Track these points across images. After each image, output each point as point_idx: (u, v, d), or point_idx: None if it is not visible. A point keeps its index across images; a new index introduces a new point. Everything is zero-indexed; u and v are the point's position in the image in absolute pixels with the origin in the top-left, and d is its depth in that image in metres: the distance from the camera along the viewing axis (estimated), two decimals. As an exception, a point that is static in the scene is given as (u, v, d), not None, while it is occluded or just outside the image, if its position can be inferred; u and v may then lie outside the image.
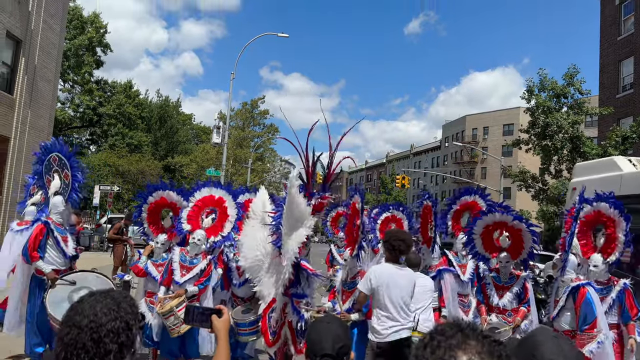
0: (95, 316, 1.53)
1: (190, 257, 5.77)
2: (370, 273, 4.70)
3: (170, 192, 6.34)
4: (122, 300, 1.62)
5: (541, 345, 1.43)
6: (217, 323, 1.99)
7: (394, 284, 4.53)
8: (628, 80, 25.06)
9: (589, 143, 22.11)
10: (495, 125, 61.43)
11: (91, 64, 39.68)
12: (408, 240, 4.80)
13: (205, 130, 56.70)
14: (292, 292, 4.61)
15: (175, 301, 5.38)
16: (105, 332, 1.52)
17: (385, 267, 4.67)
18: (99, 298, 1.60)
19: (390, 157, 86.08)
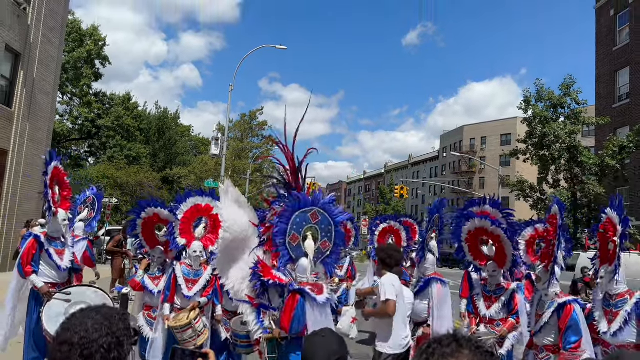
0: (86, 332, 1.52)
1: (193, 270, 5.79)
2: (388, 281, 4.93)
3: (162, 210, 6.28)
4: (113, 316, 1.62)
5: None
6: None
7: (401, 294, 4.86)
8: (624, 90, 25.23)
9: (586, 153, 22.21)
10: (492, 135, 61.63)
11: (90, 76, 39.80)
12: (396, 255, 5.19)
13: (203, 142, 56.78)
14: (257, 302, 4.69)
15: (192, 314, 5.39)
16: (97, 348, 1.51)
17: (395, 278, 4.98)
18: (90, 314, 1.59)
19: (389, 167, 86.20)
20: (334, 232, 4.83)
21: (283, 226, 4.74)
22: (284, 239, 4.75)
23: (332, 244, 4.82)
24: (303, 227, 4.78)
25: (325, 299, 4.54)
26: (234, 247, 4.87)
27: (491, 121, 64.34)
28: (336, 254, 4.91)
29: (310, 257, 4.69)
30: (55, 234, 6.14)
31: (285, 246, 4.76)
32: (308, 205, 4.80)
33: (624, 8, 25.35)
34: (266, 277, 4.64)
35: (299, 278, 4.67)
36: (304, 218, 4.79)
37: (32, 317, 5.87)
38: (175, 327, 5.32)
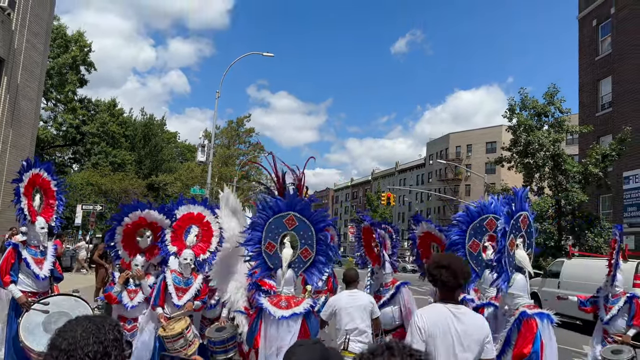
0: (74, 339, 1.52)
1: (184, 278, 5.74)
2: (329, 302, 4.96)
3: (150, 212, 6.11)
4: (104, 326, 1.61)
5: None
6: None
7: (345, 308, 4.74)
8: (607, 99, 25.65)
9: (569, 161, 22.49)
10: (478, 143, 62.21)
11: (75, 82, 39.44)
12: (350, 273, 5.09)
13: (190, 149, 56.50)
14: (252, 312, 4.63)
15: (183, 323, 5.34)
16: (82, 355, 1.50)
17: (344, 294, 4.94)
18: (83, 322, 1.59)
19: (376, 174, 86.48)
20: (315, 239, 4.49)
21: (257, 234, 4.46)
22: (260, 248, 4.49)
23: (315, 252, 4.49)
24: (279, 234, 4.49)
25: (290, 313, 4.28)
26: (229, 256, 4.81)
27: (477, 129, 64.99)
28: (320, 263, 4.56)
29: (284, 266, 4.43)
30: (34, 242, 6.04)
31: (261, 256, 4.50)
32: (283, 210, 4.46)
33: (605, 19, 25.84)
34: (264, 286, 4.59)
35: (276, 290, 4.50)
36: (279, 224, 4.47)
37: (11, 327, 5.78)
38: (167, 337, 5.28)
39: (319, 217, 4.49)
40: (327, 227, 4.64)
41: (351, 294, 5.03)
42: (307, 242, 4.50)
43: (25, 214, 5.92)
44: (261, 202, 4.64)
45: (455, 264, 3.06)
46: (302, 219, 4.45)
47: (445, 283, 3.03)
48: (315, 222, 4.48)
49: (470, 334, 2.96)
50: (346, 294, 5.00)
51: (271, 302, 4.36)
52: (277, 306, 4.33)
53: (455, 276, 3.01)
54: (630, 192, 23.09)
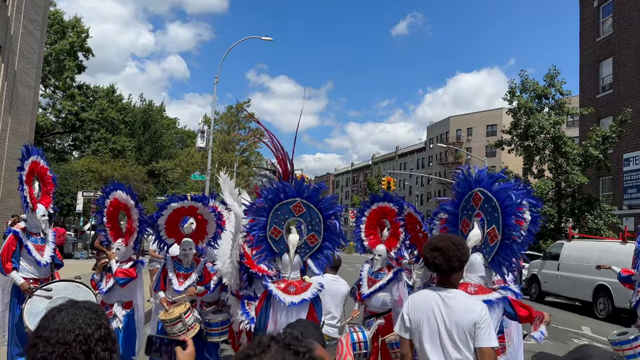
0: (81, 329, 1.53)
1: (184, 264, 5.78)
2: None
3: (119, 192, 5.94)
4: (97, 309, 1.63)
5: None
6: (181, 355, 1.92)
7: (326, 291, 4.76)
8: (607, 81, 25.51)
9: (570, 143, 22.45)
10: (479, 126, 62.01)
11: (73, 69, 39.19)
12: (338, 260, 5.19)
13: (189, 135, 56.43)
14: (243, 293, 4.63)
15: (182, 307, 5.39)
16: (95, 341, 1.53)
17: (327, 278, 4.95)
18: (75, 311, 1.59)
19: (376, 158, 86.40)
20: (323, 226, 4.44)
21: (262, 219, 4.44)
22: (265, 234, 4.47)
23: (322, 239, 4.45)
24: (285, 220, 4.45)
25: (300, 300, 4.28)
26: (229, 238, 4.84)
27: (477, 112, 64.73)
28: (328, 249, 4.51)
29: (291, 252, 4.42)
30: (35, 229, 6.07)
31: (266, 241, 4.48)
32: (290, 196, 4.41)
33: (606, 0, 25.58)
34: (253, 269, 4.60)
35: (281, 274, 4.50)
36: (286, 210, 4.44)
37: (14, 314, 5.84)
38: (166, 320, 5.34)
39: (327, 204, 4.45)
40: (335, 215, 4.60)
41: (334, 280, 5.12)
42: (314, 229, 4.47)
43: (27, 201, 5.94)
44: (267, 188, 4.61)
45: (450, 247, 2.89)
46: (310, 206, 4.42)
47: (438, 266, 2.91)
48: (323, 209, 4.44)
49: (456, 319, 2.82)
50: (329, 278, 5.03)
51: (279, 287, 4.36)
52: (285, 292, 4.34)
53: (448, 259, 2.87)
54: (630, 173, 23.10)
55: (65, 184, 31.99)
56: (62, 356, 1.49)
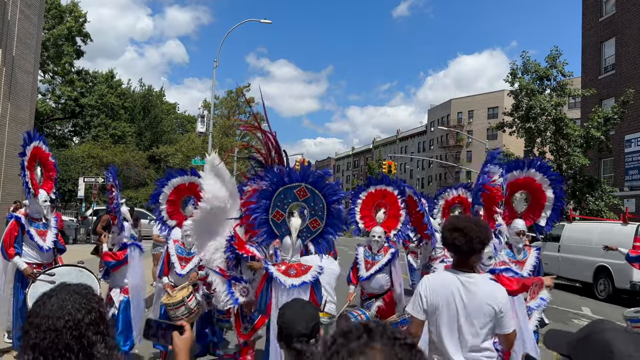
0: (70, 315, 1.53)
1: (186, 248, 5.81)
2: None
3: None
4: (86, 293, 1.63)
5: (615, 340, 1.32)
6: (178, 340, 1.91)
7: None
8: (610, 62, 25.30)
9: (571, 125, 22.34)
10: (480, 108, 61.71)
11: (71, 54, 38.94)
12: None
13: (190, 120, 56.24)
14: (229, 274, 4.67)
15: (185, 291, 5.43)
16: (85, 326, 1.53)
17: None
18: (65, 296, 1.59)
19: (377, 142, 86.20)
20: (326, 211, 4.45)
21: (265, 202, 4.45)
22: (267, 216, 4.47)
23: (324, 224, 4.47)
24: (288, 204, 4.47)
25: (300, 282, 4.31)
26: (210, 219, 4.82)
27: (479, 94, 64.36)
28: (329, 234, 4.53)
29: (293, 236, 4.44)
30: (36, 214, 6.10)
31: (267, 224, 4.48)
32: (295, 180, 4.41)
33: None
34: (240, 250, 4.62)
35: (282, 257, 4.53)
36: (289, 194, 4.45)
37: (17, 298, 5.91)
38: (168, 304, 5.39)
39: (331, 190, 4.45)
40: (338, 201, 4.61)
41: (326, 260, 5.18)
42: (317, 214, 4.48)
43: (29, 187, 5.95)
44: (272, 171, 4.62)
45: (472, 228, 2.76)
46: (315, 191, 4.43)
47: (458, 248, 2.78)
48: (327, 195, 4.44)
49: (477, 305, 2.70)
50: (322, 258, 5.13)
51: (280, 270, 4.40)
52: (286, 274, 4.38)
53: (469, 241, 2.73)
54: (632, 155, 23.04)
55: (67, 170, 32.02)
56: (53, 342, 1.49)
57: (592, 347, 1.35)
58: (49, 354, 1.49)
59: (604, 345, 1.32)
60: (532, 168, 5.24)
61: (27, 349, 1.51)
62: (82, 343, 1.52)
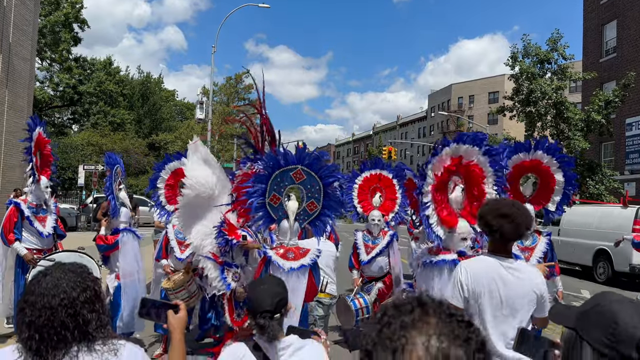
0: (65, 293, 1.54)
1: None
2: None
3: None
4: (81, 272, 1.63)
5: (620, 311, 1.30)
6: (172, 319, 1.92)
7: None
8: (611, 45, 25.11)
9: (572, 108, 22.24)
10: (481, 93, 61.45)
11: (68, 40, 38.69)
12: None
13: (189, 107, 56.00)
14: (222, 260, 4.67)
15: (185, 275, 5.45)
16: (80, 304, 1.55)
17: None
18: (60, 275, 1.60)
19: (377, 128, 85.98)
20: (323, 194, 4.42)
21: (261, 186, 4.39)
22: (264, 200, 4.43)
23: (321, 206, 4.44)
24: (285, 188, 4.43)
25: (298, 265, 4.29)
26: (198, 205, 4.80)
27: (479, 79, 64.04)
28: (327, 216, 4.49)
29: (291, 218, 4.41)
30: (37, 200, 6.11)
31: (264, 208, 4.44)
32: (291, 163, 4.36)
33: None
34: (231, 236, 4.62)
35: (280, 241, 4.49)
36: (286, 177, 4.41)
37: (19, 284, 5.93)
38: (169, 289, 5.40)
39: (327, 171, 4.40)
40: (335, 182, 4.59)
41: (323, 242, 5.18)
42: (313, 196, 4.44)
43: (35, 173, 5.97)
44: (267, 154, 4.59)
45: (518, 213, 2.63)
46: (311, 173, 4.38)
47: (504, 235, 2.63)
48: (323, 177, 4.40)
49: (523, 292, 2.60)
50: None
51: (278, 253, 4.39)
52: (284, 258, 4.36)
53: (518, 227, 2.61)
54: (633, 138, 22.98)
55: (66, 157, 31.99)
56: (48, 320, 1.51)
57: (597, 318, 1.34)
58: (44, 332, 1.50)
59: (609, 316, 1.31)
60: (539, 150, 4.95)
61: (22, 326, 1.52)
62: (77, 321, 1.53)
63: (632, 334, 1.25)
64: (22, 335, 1.53)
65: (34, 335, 1.50)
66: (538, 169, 5.03)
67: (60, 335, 1.51)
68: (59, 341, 1.51)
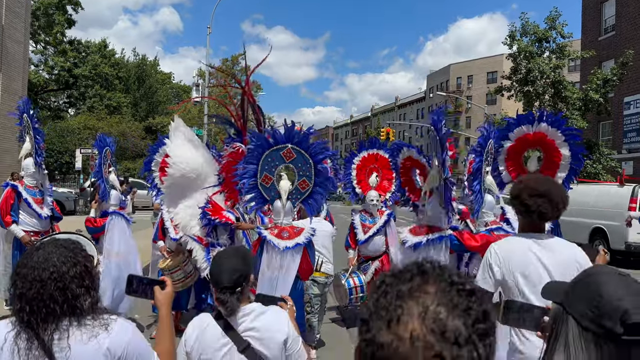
0: (55, 267, 1.58)
1: None
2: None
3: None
4: (73, 247, 1.66)
5: (606, 283, 1.23)
6: (159, 295, 1.95)
7: None
8: (610, 22, 24.89)
9: (570, 88, 22.14)
10: (479, 73, 61.11)
11: (62, 23, 38.26)
12: None
13: (185, 89, 55.59)
14: (207, 241, 4.70)
15: (181, 256, 5.51)
16: (70, 279, 1.58)
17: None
18: (52, 249, 1.63)
19: (375, 110, 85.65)
20: (314, 171, 4.44)
21: (252, 167, 4.41)
22: (256, 181, 4.45)
23: (313, 184, 4.47)
24: (276, 167, 4.45)
25: (294, 244, 4.33)
26: (184, 185, 4.81)
27: (478, 59, 63.61)
28: (319, 194, 4.54)
29: (283, 198, 4.44)
30: (33, 182, 6.11)
31: (257, 189, 4.46)
32: (280, 142, 4.38)
33: None
34: (214, 216, 4.64)
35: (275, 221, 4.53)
36: (276, 157, 4.42)
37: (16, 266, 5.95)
38: (165, 269, 5.45)
39: (317, 149, 4.43)
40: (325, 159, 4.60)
41: (318, 222, 5.26)
42: (305, 174, 4.46)
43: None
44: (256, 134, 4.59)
45: (555, 192, 2.52)
46: (300, 151, 4.40)
47: (542, 215, 2.53)
48: (313, 154, 4.42)
49: (564, 266, 2.47)
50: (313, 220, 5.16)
51: (273, 233, 4.42)
52: (279, 237, 4.39)
53: (555, 207, 2.50)
54: (631, 117, 22.93)
55: (63, 142, 31.89)
56: (38, 292, 1.54)
57: (582, 291, 1.27)
58: (34, 304, 1.54)
59: (594, 288, 1.24)
60: (543, 122, 4.63)
61: (15, 298, 1.57)
62: (65, 295, 1.57)
63: (617, 307, 1.17)
64: (14, 307, 1.57)
65: (25, 307, 1.54)
66: (542, 142, 4.74)
67: (49, 308, 1.54)
68: (48, 314, 1.55)
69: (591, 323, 1.20)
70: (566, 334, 1.26)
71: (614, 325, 1.15)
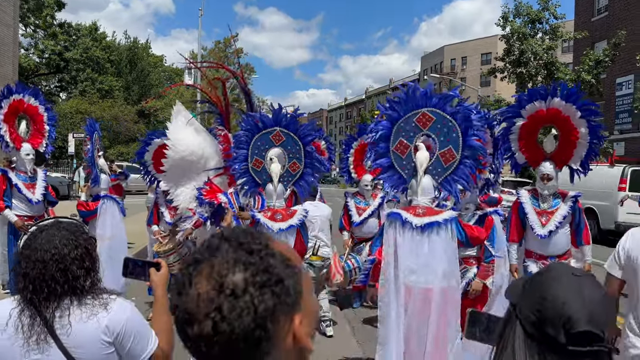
0: (57, 249, 1.66)
1: None
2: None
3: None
4: (75, 230, 1.73)
5: (555, 282, 1.08)
6: (155, 277, 1.98)
7: None
8: (603, 3, 24.83)
9: (563, 69, 22.18)
10: (473, 55, 60.85)
11: (52, 5, 37.68)
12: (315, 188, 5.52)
13: (178, 72, 55.09)
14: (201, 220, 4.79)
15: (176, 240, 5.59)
16: (71, 260, 1.67)
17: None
18: (54, 232, 1.71)
19: (370, 92, 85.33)
20: (304, 153, 4.51)
21: (242, 152, 4.47)
22: (247, 166, 4.52)
23: (303, 165, 4.54)
24: (266, 151, 4.50)
25: (287, 226, 4.38)
26: (184, 167, 4.86)
27: (472, 40, 63.30)
28: (309, 175, 4.60)
29: (274, 181, 4.49)
30: (22, 167, 6.14)
31: (248, 173, 4.53)
32: (269, 125, 4.45)
33: None
34: (206, 197, 4.71)
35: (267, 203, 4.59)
36: (266, 140, 4.47)
37: (11, 250, 6.02)
38: (160, 252, 5.54)
39: (306, 131, 4.49)
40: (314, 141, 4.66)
41: (314, 206, 5.37)
42: (295, 157, 4.52)
43: (6, 140, 5.95)
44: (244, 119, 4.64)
45: None
46: (289, 134, 4.45)
47: None
48: (302, 136, 4.47)
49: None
50: (309, 205, 5.24)
51: (266, 216, 4.48)
52: (272, 219, 4.45)
53: None
54: (622, 98, 23.02)
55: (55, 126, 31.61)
56: (40, 273, 1.64)
57: (530, 292, 1.12)
58: (37, 283, 1.63)
59: (541, 289, 1.09)
60: (556, 97, 4.27)
61: (19, 277, 1.66)
62: (66, 276, 1.66)
63: (560, 312, 1.02)
64: (19, 285, 1.66)
65: (28, 286, 1.64)
66: (557, 118, 4.36)
67: (50, 287, 1.63)
68: (50, 293, 1.64)
69: (534, 329, 1.07)
70: (513, 340, 1.10)
71: (557, 333, 1.02)
